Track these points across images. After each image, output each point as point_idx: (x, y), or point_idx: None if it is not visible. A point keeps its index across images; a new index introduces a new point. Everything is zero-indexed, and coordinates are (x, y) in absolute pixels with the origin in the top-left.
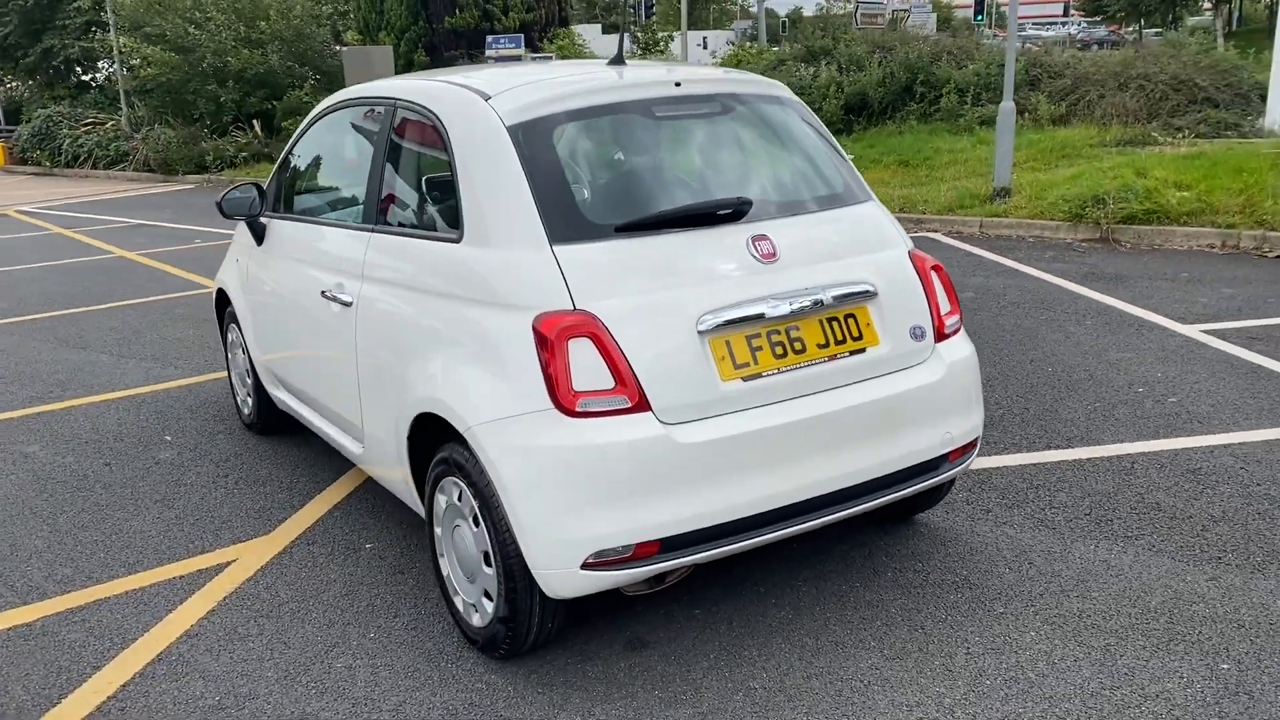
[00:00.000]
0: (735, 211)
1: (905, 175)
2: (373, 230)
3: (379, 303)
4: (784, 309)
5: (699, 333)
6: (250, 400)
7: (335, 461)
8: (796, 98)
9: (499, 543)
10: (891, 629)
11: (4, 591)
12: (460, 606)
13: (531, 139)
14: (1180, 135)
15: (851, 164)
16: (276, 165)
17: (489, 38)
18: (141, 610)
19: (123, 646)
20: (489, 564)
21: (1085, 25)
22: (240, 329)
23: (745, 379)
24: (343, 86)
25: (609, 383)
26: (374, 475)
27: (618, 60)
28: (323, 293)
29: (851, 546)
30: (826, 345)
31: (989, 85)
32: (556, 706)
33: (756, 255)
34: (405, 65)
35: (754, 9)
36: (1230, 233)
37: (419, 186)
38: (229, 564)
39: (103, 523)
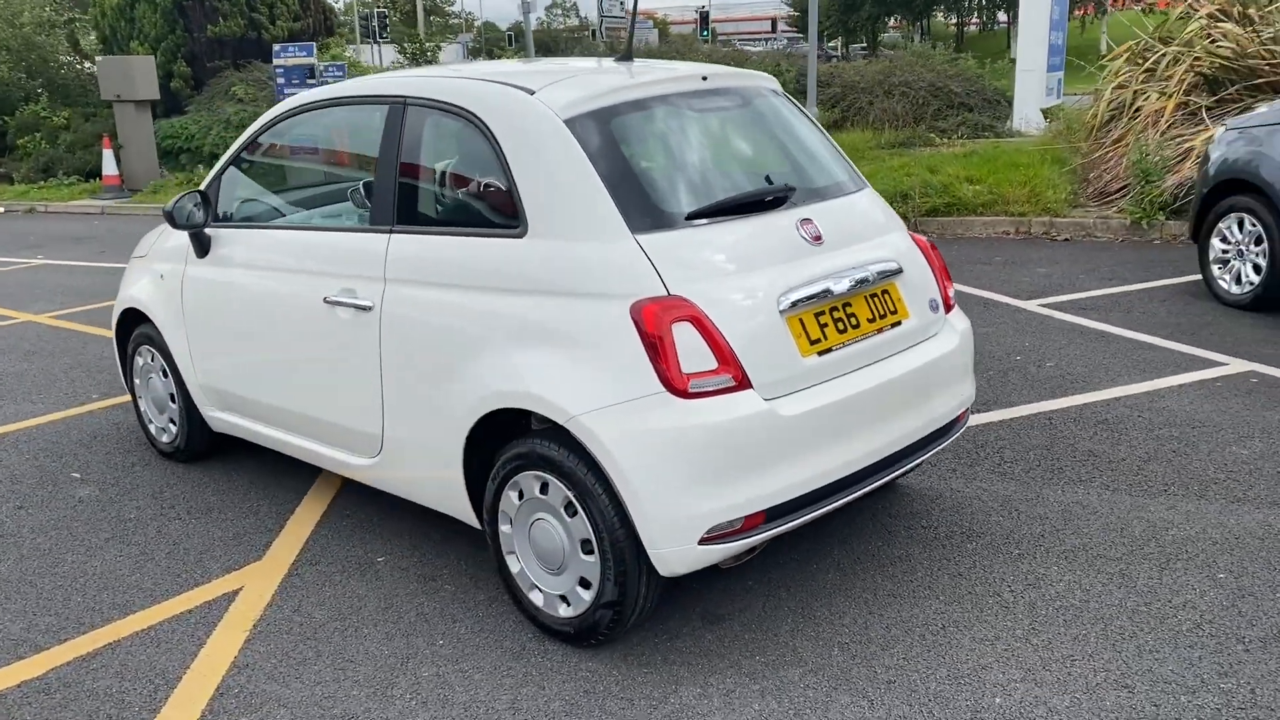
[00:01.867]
0: (781, 197)
1: None
2: (391, 231)
3: (413, 303)
4: (844, 286)
5: (780, 311)
6: (176, 426)
7: (286, 480)
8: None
9: (606, 528)
10: (935, 578)
11: None
12: (539, 601)
13: (589, 132)
14: (950, 136)
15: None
16: (218, 174)
17: (276, 46)
18: (166, 649)
19: (169, 687)
20: (588, 552)
21: (788, 40)
22: (165, 351)
23: (820, 353)
24: (91, 100)
25: (713, 363)
26: (387, 485)
27: (626, 57)
28: (324, 299)
29: (854, 514)
30: (874, 320)
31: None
32: (671, 682)
33: (807, 238)
34: (165, 76)
35: (478, 22)
36: (1022, 220)
37: (452, 184)
38: (236, 592)
39: (55, 568)
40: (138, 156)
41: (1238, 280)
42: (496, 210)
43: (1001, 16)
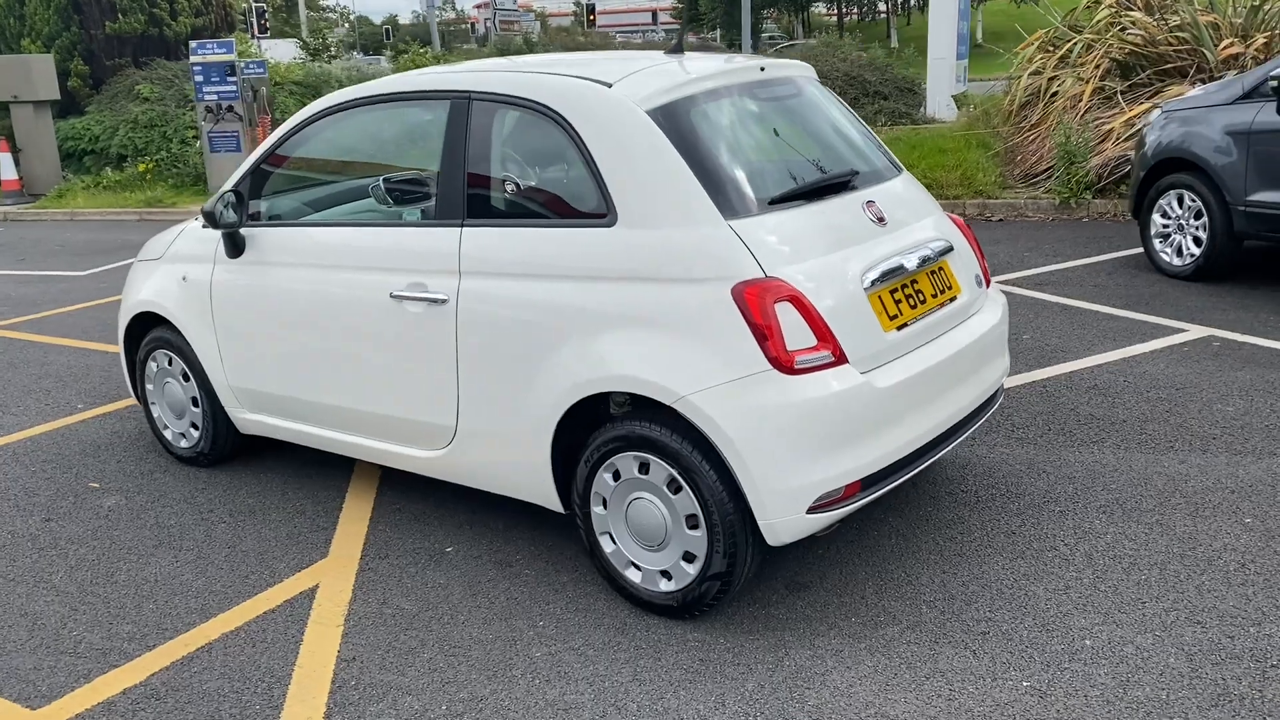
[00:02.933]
0: (846, 181)
1: None
2: (463, 225)
3: (493, 295)
4: (913, 263)
5: (864, 289)
6: (199, 430)
7: (320, 479)
8: None
9: (715, 502)
10: (990, 537)
11: (73, 660)
12: (637, 578)
13: (671, 122)
14: (872, 125)
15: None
16: (249, 172)
17: (194, 43)
18: (263, 648)
19: (282, 685)
20: (693, 527)
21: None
22: (187, 354)
23: (898, 328)
24: None
25: (813, 340)
26: (454, 475)
27: (677, 50)
28: (391, 294)
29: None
30: (936, 295)
31: None
32: (780, 647)
33: (873, 219)
34: (62, 75)
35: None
36: (956, 203)
37: (529, 177)
38: (314, 589)
39: (111, 577)
40: (38, 160)
41: (1179, 253)
42: (580, 201)
43: (881, 6)
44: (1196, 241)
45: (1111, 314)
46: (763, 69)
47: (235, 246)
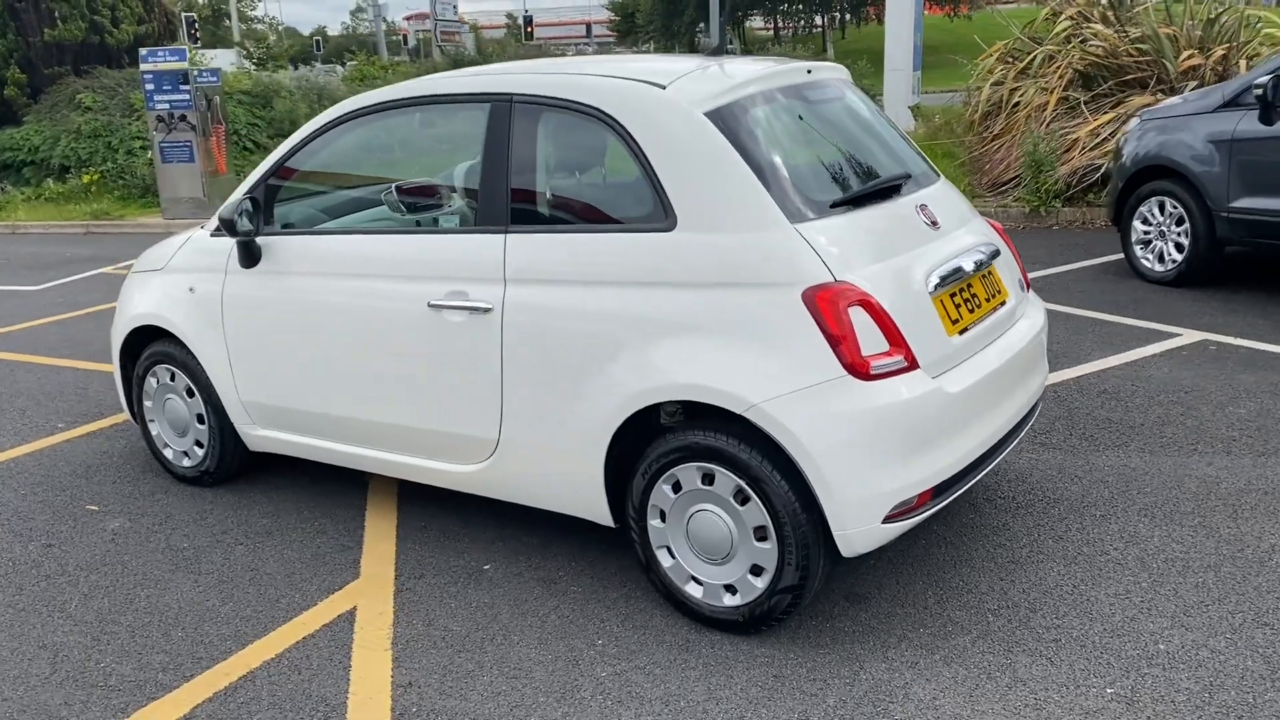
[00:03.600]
0: (899, 185)
1: None
2: (506, 232)
3: (542, 302)
4: (970, 265)
5: (929, 292)
6: (204, 448)
7: (335, 497)
8: None
9: (788, 513)
10: (1040, 543)
11: (106, 694)
12: (698, 593)
13: (728, 124)
14: None
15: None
16: (263, 179)
17: (144, 50)
18: (310, 675)
19: (338, 714)
20: (761, 539)
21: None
22: (191, 369)
23: (960, 332)
24: None
25: (885, 345)
26: (491, 490)
27: (718, 52)
28: (429, 304)
29: None
30: (989, 299)
31: None
32: (853, 660)
33: (927, 222)
34: None
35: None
36: None
37: (579, 181)
38: (351, 612)
39: (130, 604)
40: None
41: (1160, 259)
42: (634, 205)
43: (817, 20)
44: (1178, 248)
45: (1103, 319)
46: (809, 71)
47: (251, 256)
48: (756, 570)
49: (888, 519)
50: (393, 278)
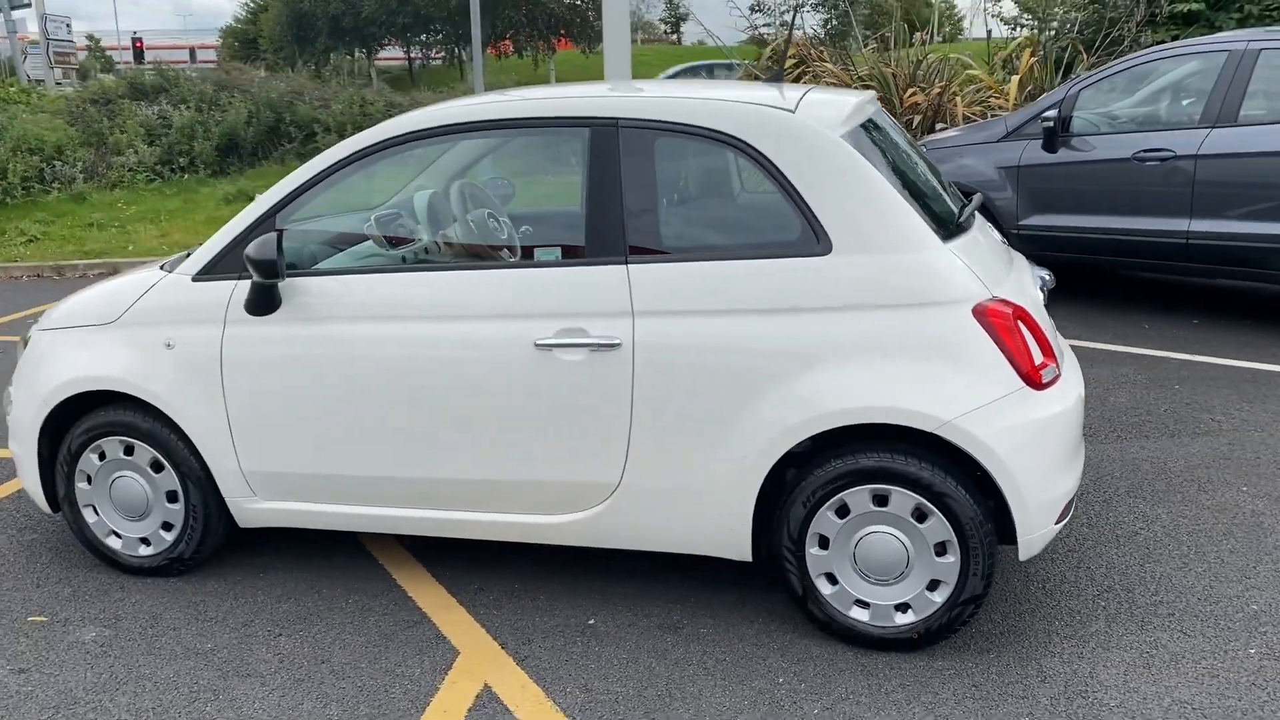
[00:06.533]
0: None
1: None
2: (627, 262)
3: (679, 336)
4: (1048, 282)
5: (1044, 305)
6: (177, 531)
7: (348, 569)
8: None
9: (973, 525)
10: (1077, 530)
11: None
12: (865, 616)
13: (861, 147)
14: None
15: None
16: (282, 205)
17: None
18: None
19: None
20: (940, 554)
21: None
22: (166, 438)
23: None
24: None
25: (1042, 356)
26: (598, 539)
27: (776, 78)
28: (535, 344)
29: None
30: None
31: (358, 124)
32: (1029, 659)
33: (1003, 243)
34: None
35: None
36: None
37: (703, 207)
38: (487, 689)
39: None
40: None
41: None
42: (778, 230)
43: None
44: None
45: None
46: (870, 102)
47: (268, 303)
48: (933, 585)
49: (1058, 520)
50: (479, 318)
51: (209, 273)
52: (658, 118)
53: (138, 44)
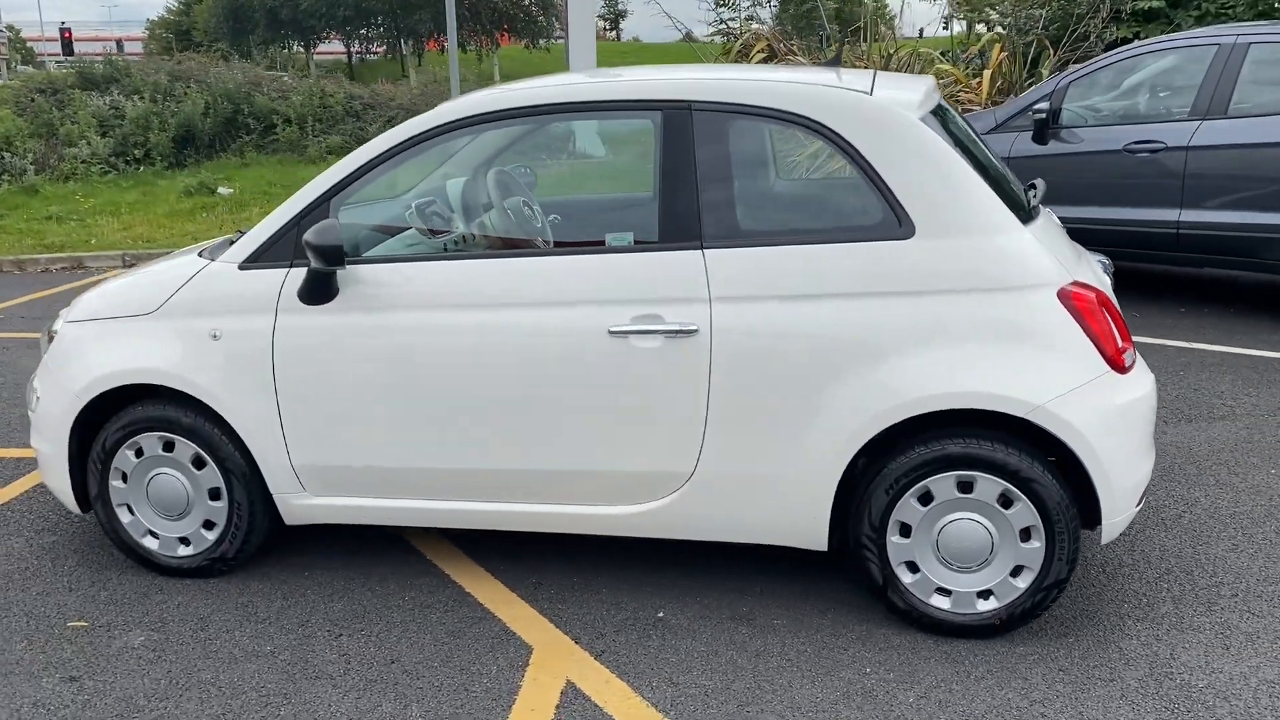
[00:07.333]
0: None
1: None
2: (703, 246)
3: (760, 321)
4: (1108, 265)
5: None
6: (220, 530)
7: (397, 564)
8: None
9: (1059, 510)
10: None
11: None
12: (946, 604)
13: (937, 131)
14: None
15: None
16: (325, 197)
17: None
18: None
19: None
20: (1026, 540)
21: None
22: (210, 433)
23: None
24: None
25: (1122, 340)
26: (668, 529)
27: (834, 63)
28: (609, 331)
29: None
30: None
31: (319, 116)
32: (1109, 642)
33: (1061, 227)
34: None
35: None
36: None
37: (781, 190)
38: (571, 685)
39: None
40: None
41: None
42: (859, 214)
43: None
44: None
45: None
46: (935, 86)
47: (326, 291)
48: (1017, 571)
49: (1138, 502)
50: (550, 305)
51: (256, 260)
52: (732, 100)
53: (66, 34)
